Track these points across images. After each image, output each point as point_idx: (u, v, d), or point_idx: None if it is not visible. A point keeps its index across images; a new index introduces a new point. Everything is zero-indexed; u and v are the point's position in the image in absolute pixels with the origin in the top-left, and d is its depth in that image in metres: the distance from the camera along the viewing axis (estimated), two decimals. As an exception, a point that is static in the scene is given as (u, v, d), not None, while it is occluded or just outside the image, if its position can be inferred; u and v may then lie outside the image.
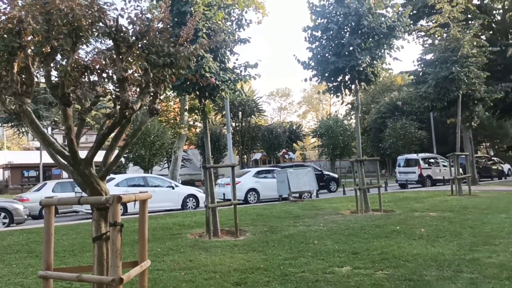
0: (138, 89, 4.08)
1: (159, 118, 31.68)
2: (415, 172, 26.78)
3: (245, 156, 47.09)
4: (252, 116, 45.06)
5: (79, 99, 4.09)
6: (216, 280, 6.12)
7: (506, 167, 33.97)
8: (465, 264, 6.34)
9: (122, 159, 31.02)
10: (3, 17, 3.53)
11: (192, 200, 18.49)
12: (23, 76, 3.81)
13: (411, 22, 15.43)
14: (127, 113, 3.61)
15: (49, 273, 3.68)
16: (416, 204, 14.79)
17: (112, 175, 17.97)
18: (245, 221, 12.05)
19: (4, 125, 29.47)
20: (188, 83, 9.30)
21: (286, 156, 49.24)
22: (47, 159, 32.64)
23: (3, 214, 14.70)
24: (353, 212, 13.16)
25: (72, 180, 18.86)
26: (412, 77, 23.74)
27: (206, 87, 9.42)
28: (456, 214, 11.59)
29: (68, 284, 5.99)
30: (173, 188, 18.34)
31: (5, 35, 3.49)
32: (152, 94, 3.91)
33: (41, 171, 30.64)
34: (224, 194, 19.80)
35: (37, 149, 37.30)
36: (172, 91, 10.42)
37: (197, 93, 9.96)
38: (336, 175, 28.87)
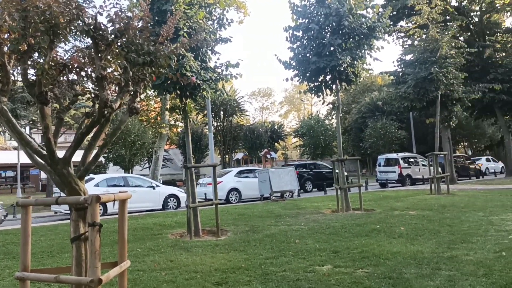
0: (117, 88, 4.03)
1: (139, 118, 31.38)
2: (395, 171, 27.11)
3: (227, 156, 46.99)
4: (234, 115, 45.00)
5: (57, 98, 4.02)
6: (197, 280, 6.10)
7: (487, 165, 34.63)
8: (443, 262, 6.43)
9: (102, 159, 30.62)
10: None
11: (173, 200, 18.38)
12: (-1, 74, 3.73)
13: (391, 23, 15.60)
14: (106, 112, 3.57)
15: (26, 274, 3.62)
16: (396, 203, 14.97)
17: (91, 175, 17.75)
18: (226, 220, 12.03)
19: (-20, 124, 28.80)
20: (169, 82, 9.25)
21: (268, 155, 49.26)
22: (25, 159, 31.97)
23: (-21, 215, 14.39)
24: (334, 211, 13.26)
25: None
26: (392, 77, 24.04)
27: (187, 86, 9.38)
28: (434, 213, 11.76)
29: (46, 286, 5.90)
30: (154, 188, 18.20)
31: (-20, 32, 3.41)
32: (131, 93, 3.87)
33: (19, 171, 30.08)
34: (205, 194, 19.73)
35: (15, 149, 36.61)
36: (152, 90, 10.34)
37: (178, 92, 9.91)
38: (345, 173, 29.19)
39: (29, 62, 3.55)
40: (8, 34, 3.53)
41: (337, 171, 14.29)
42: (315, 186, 26.63)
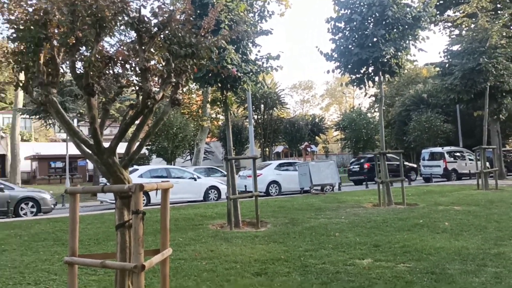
0: (160, 80, 4.12)
1: (181, 111, 31.96)
2: (440, 165, 26.36)
3: (267, 149, 47.09)
4: (274, 108, 44.95)
5: (103, 90, 4.15)
6: (237, 270, 6.18)
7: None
8: (489, 258, 6.24)
9: (146, 151, 31.41)
10: (30, 9, 3.61)
11: (214, 191, 18.64)
12: (49, 66, 3.89)
13: (438, 12, 15.08)
14: (149, 103, 3.66)
15: (74, 259, 3.77)
16: (440, 198, 14.58)
17: (135, 167, 18.26)
18: (266, 213, 12.09)
19: (32, 117, 30.10)
20: (210, 74, 9.36)
21: (308, 149, 48.99)
22: (73, 150, 33.30)
23: (31, 204, 15.09)
24: (375, 205, 13.06)
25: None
26: (438, 69, 23.25)
27: (228, 79, 9.46)
28: (481, 208, 11.38)
29: (93, 271, 6.14)
30: (195, 180, 18.51)
31: (32, 27, 3.57)
32: (174, 84, 3.94)
33: (67, 162, 31.27)
34: (245, 186, 19.88)
35: (64, 140, 38.06)
36: (194, 83, 10.48)
37: (219, 85, 10.00)
38: (414, 165, 29.32)
39: (77, 55, 3.69)
40: (57, 28, 3.67)
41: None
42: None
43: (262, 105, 43.82)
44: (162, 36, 3.69)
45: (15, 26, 3.66)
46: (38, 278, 6.01)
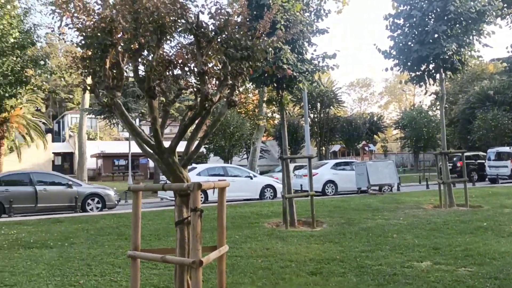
0: (217, 82, 4.25)
1: (238, 110, 32.37)
2: (507, 166, 25.00)
3: (323, 148, 46.67)
4: (331, 107, 44.44)
5: (163, 92, 4.34)
6: (292, 268, 6.23)
7: None
8: (560, 265, 5.90)
9: (203, 150, 32.12)
10: (97, 17, 3.85)
11: (270, 190, 18.77)
12: (114, 71, 4.12)
13: (505, 5, 14.34)
14: (207, 105, 3.79)
15: (137, 253, 3.98)
16: (507, 200, 13.86)
17: (193, 165, 18.73)
18: (322, 212, 12.04)
19: (97, 117, 31.68)
20: (265, 75, 9.45)
21: (366, 148, 48.04)
22: (135, 149, 34.66)
23: (96, 199, 15.89)
24: (436, 207, 12.65)
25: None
26: (505, 64, 22.14)
27: (284, 78, 9.50)
28: (552, 212, 10.75)
29: (153, 265, 6.41)
30: (251, 178, 18.73)
31: (99, 34, 3.80)
32: (230, 86, 4.06)
33: (130, 160, 32.60)
34: (301, 185, 19.86)
35: (126, 139, 39.67)
36: (250, 83, 10.62)
37: (275, 84, 10.07)
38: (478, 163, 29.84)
39: (139, 60, 3.88)
40: (122, 35, 3.88)
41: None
42: (479, 177, 27.42)
43: (318, 104, 43.47)
44: (219, 39, 3.80)
45: (83, 34, 3.92)
46: (104, 271, 6.36)
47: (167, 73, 4.33)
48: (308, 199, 10.73)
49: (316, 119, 44.79)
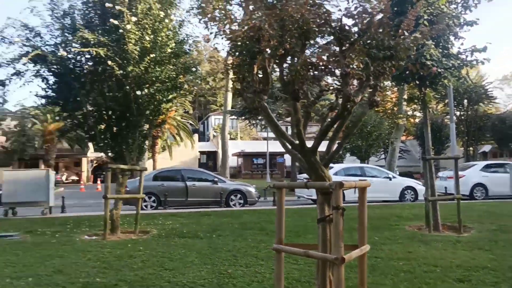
0: (358, 82, 4.30)
1: (375, 109, 31.52)
2: None
3: (471, 148, 43.02)
4: (480, 103, 40.73)
5: (305, 93, 4.53)
6: (437, 274, 5.97)
7: None
8: None
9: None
10: (246, 27, 4.18)
11: (411, 192, 17.99)
12: (260, 75, 4.42)
13: None
14: (348, 106, 3.87)
15: (281, 246, 4.23)
16: None
17: (330, 165, 18.79)
18: (470, 217, 11.21)
19: (238, 118, 33.55)
20: (407, 72, 9.13)
21: (523, 149, 43.10)
22: (272, 148, 35.94)
23: (239, 196, 16.88)
24: None
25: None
26: None
27: (427, 75, 9.09)
28: None
29: (294, 261, 6.65)
30: (390, 179, 18.15)
31: (247, 42, 4.12)
32: (372, 86, 4.08)
33: (268, 159, 33.84)
34: (445, 188, 18.64)
35: (264, 139, 41.24)
36: (390, 81, 10.34)
37: (417, 82, 9.67)
38: None
39: (284, 65, 4.12)
40: (268, 42, 4.15)
41: None
42: None
43: (465, 100, 40.19)
44: (361, 41, 3.85)
45: (234, 42, 4.28)
46: (248, 262, 6.79)
47: (309, 75, 4.50)
48: (453, 202, 10.09)
49: (462, 117, 41.48)
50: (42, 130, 34.54)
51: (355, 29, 3.83)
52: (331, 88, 4.50)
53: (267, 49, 4.05)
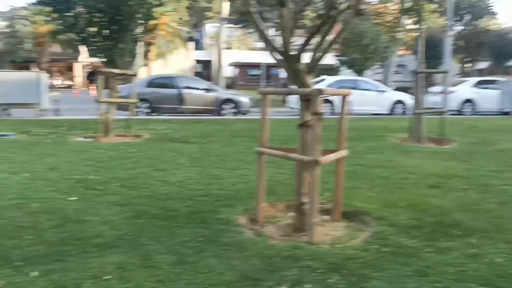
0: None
1: (374, 21, 30.75)
2: None
3: (470, 65, 42.73)
4: (481, 19, 39.77)
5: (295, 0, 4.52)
6: (411, 180, 6.34)
7: None
8: None
9: (337, 62, 31.60)
10: None
11: (401, 106, 18.23)
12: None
13: None
14: (332, 13, 3.91)
15: (263, 149, 4.49)
16: None
17: (324, 77, 18.82)
18: (454, 131, 11.52)
19: (235, 26, 32.75)
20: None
21: (518, 67, 42.81)
22: (268, 59, 35.41)
23: (231, 105, 17.09)
24: None
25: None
26: None
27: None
28: None
29: (279, 166, 6.99)
30: (382, 93, 18.29)
31: None
32: (358, -6, 4.07)
33: (265, 70, 33.59)
34: (435, 103, 18.87)
35: (261, 49, 40.58)
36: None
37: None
38: None
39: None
40: None
41: None
42: None
43: (466, 15, 39.19)
44: None
45: None
46: (235, 166, 7.16)
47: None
48: (440, 117, 10.36)
49: (463, 33, 40.70)
50: (33, 32, 33.75)
51: None
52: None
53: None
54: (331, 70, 34.67)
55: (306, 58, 4.43)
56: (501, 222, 4.45)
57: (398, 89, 29.82)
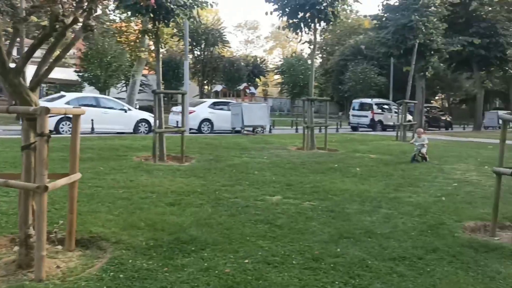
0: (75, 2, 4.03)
1: (118, 39, 30.61)
2: (368, 116, 27.63)
3: (206, 87, 46.70)
4: (216, 46, 44.18)
5: (14, 8, 4.01)
6: (152, 199, 6.39)
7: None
8: (385, 201, 6.84)
9: (78, 78, 30.12)
10: None
11: (145, 124, 18.48)
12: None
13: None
14: (57, 26, 3.61)
15: (-24, 177, 3.79)
16: (360, 146, 15.45)
17: (62, 93, 17.63)
18: (193, 149, 12.30)
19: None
20: (142, 4, 9.06)
21: (248, 90, 49.14)
22: None
23: None
24: (299, 149, 13.65)
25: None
26: (375, 21, 23.81)
27: (161, 9, 9.23)
28: (393, 157, 12.26)
29: (5, 193, 6.11)
30: (126, 112, 18.20)
31: None
32: (87, 9, 3.88)
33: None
34: (177, 121, 19.80)
35: None
36: (125, 10, 10.09)
37: (151, 15, 9.73)
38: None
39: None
40: None
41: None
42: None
43: (203, 41, 42.90)
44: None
45: None
46: None
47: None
48: (181, 135, 10.87)
49: (200, 57, 44.33)
50: None
51: None
52: (44, 5, 4.10)
53: None
54: (73, 86, 32.84)
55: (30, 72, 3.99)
56: (230, 233, 4.85)
57: (142, 108, 30.30)
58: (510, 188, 7.56)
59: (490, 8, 29.15)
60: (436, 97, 59.41)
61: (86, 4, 3.76)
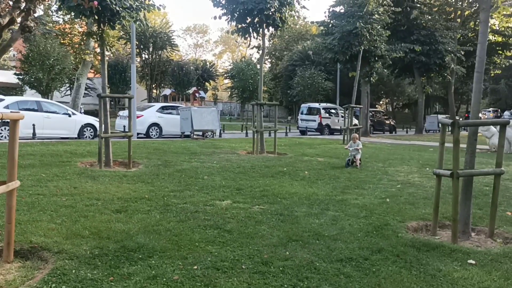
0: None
1: (61, 41, 29.53)
2: (316, 120, 28.16)
3: (154, 91, 45.94)
4: (164, 49, 43.61)
5: None
6: (97, 206, 6.20)
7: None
8: (333, 204, 6.99)
9: (18, 81, 28.80)
10: None
11: (90, 129, 17.91)
12: None
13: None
14: (-7, 27, 3.43)
15: None
16: (308, 149, 15.71)
17: (1, 97, 16.78)
18: (141, 154, 12.06)
19: None
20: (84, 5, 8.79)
21: (197, 94, 48.79)
22: None
23: None
24: (249, 153, 13.70)
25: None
26: (322, 27, 24.36)
27: (106, 11, 8.99)
28: (340, 161, 12.52)
29: None
30: (70, 116, 17.57)
31: None
32: (25, 10, 3.72)
33: None
34: (124, 126, 19.36)
35: None
36: (68, 12, 9.73)
37: (96, 17, 9.45)
38: None
39: None
40: None
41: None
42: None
43: (151, 45, 42.22)
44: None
45: None
46: None
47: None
48: (128, 140, 10.61)
49: (148, 61, 43.57)
50: None
51: None
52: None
53: None
54: (13, 90, 31.33)
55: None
56: (179, 239, 4.78)
57: (87, 112, 29.38)
58: (450, 189, 7.94)
59: (429, 17, 30.59)
60: (381, 102, 61.58)
61: (24, 4, 3.59)
